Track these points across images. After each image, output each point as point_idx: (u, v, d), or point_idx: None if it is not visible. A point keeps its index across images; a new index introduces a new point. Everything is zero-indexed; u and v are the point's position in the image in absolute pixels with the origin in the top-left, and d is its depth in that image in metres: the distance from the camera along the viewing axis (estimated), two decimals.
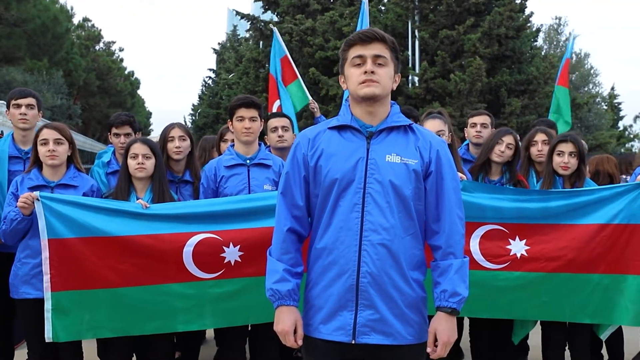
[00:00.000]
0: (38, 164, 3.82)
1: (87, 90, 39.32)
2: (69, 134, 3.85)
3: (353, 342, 2.41)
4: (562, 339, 4.02)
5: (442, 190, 2.49)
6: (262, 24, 19.28)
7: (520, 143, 4.35)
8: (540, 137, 4.50)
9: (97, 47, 44.74)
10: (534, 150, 4.51)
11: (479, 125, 4.97)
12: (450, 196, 2.49)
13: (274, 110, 7.39)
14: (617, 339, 4.65)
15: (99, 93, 40.78)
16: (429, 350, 2.46)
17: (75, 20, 40.66)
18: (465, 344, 4.84)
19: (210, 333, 5.82)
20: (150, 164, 3.85)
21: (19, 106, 4.23)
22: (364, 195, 2.42)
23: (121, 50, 48.85)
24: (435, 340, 2.45)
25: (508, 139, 4.28)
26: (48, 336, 3.50)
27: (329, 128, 2.56)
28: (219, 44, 38.41)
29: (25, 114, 4.22)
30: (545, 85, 16.54)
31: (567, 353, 4.14)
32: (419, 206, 2.49)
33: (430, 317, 2.55)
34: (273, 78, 7.69)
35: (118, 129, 4.50)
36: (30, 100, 4.27)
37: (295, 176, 2.55)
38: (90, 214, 3.56)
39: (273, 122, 4.67)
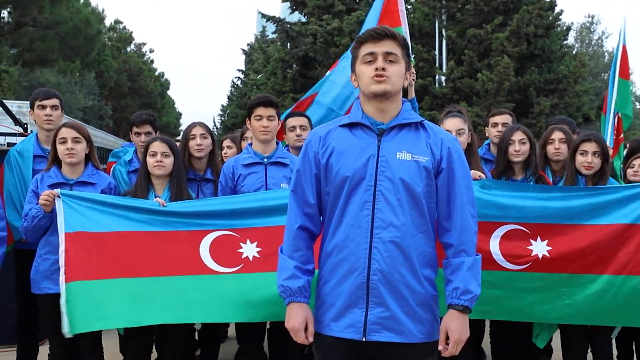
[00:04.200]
0: (57, 162, 3.90)
1: (118, 91, 39.99)
2: (86, 132, 3.92)
3: (364, 339, 2.40)
4: (584, 343, 3.92)
5: (453, 188, 2.47)
6: (289, 25, 19.33)
7: (530, 134, 4.26)
8: (557, 135, 4.42)
9: (128, 49, 45.44)
10: (550, 149, 4.43)
11: (500, 125, 4.89)
12: (462, 193, 2.47)
13: None
14: None
15: (129, 94, 41.41)
16: (440, 348, 2.44)
17: (107, 22, 41.39)
18: (488, 344, 4.78)
19: (232, 332, 5.85)
20: (169, 162, 3.90)
21: (44, 107, 4.32)
22: (375, 193, 2.41)
23: (151, 51, 49.64)
24: (447, 338, 2.42)
25: (518, 136, 4.20)
26: (65, 329, 3.49)
27: (340, 126, 2.56)
28: (247, 44, 38.66)
29: (50, 115, 4.32)
30: (575, 84, 16.24)
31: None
32: (430, 203, 2.47)
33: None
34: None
35: (139, 128, 4.57)
36: (55, 101, 4.36)
37: (306, 174, 2.55)
38: (109, 211, 3.63)
39: (291, 122, 4.69)
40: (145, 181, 3.92)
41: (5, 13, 27.31)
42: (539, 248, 3.66)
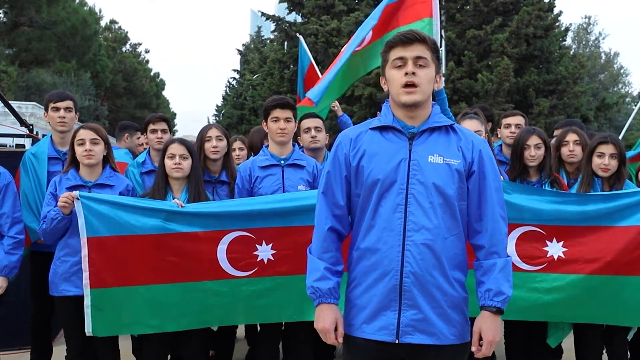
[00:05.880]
0: (75, 164, 3.88)
1: (114, 92, 39.81)
2: (104, 134, 3.92)
3: (397, 341, 2.42)
4: (599, 342, 3.95)
5: (484, 190, 2.49)
6: (287, 24, 19.24)
7: (545, 137, 4.26)
8: (571, 137, 4.44)
9: (123, 49, 45.21)
10: (565, 151, 4.45)
11: (513, 126, 4.91)
12: (492, 196, 2.49)
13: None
14: None
15: (125, 94, 41.24)
16: (473, 349, 2.46)
17: (103, 22, 41.19)
18: (499, 345, 4.79)
19: (240, 332, 5.84)
20: (187, 164, 3.89)
21: (57, 109, 4.31)
22: (407, 196, 2.42)
23: (147, 52, 49.39)
24: (480, 339, 2.44)
25: (533, 141, 4.20)
26: (88, 330, 3.62)
27: (371, 128, 2.57)
28: (243, 45, 38.54)
29: (64, 117, 4.32)
30: (574, 85, 16.27)
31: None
32: (462, 206, 2.49)
33: (472, 320, 2.55)
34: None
35: (155, 125, 4.59)
36: (69, 103, 4.36)
37: (336, 176, 2.56)
38: (128, 212, 3.65)
39: (306, 123, 4.69)
40: (162, 183, 3.91)
41: (1, 13, 27.06)
42: (555, 249, 3.69)
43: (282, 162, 4.08)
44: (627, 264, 3.60)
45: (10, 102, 10.10)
